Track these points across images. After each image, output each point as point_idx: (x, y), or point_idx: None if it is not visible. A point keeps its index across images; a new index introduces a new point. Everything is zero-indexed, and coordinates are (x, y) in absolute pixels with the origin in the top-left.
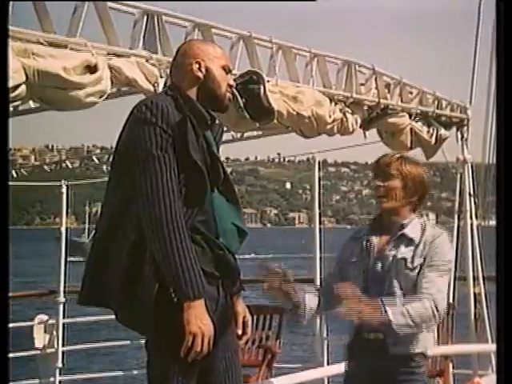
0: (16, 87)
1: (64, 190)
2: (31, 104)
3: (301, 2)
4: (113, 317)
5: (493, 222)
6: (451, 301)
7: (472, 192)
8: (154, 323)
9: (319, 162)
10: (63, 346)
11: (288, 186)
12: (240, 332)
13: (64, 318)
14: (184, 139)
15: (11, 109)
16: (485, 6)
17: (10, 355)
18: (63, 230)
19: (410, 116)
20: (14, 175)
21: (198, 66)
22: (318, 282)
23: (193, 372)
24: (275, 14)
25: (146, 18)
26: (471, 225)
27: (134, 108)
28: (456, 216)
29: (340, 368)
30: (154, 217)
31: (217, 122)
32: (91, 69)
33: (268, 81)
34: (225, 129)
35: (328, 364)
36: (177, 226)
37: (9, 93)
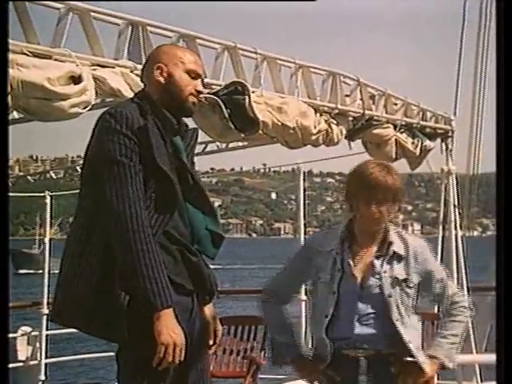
0: None
1: (48, 200)
2: (15, 114)
3: (294, 2)
4: None
5: (477, 233)
6: (436, 311)
7: (456, 203)
8: (124, 334)
9: (304, 173)
10: (46, 358)
11: (273, 196)
12: (211, 342)
13: (47, 329)
14: (149, 145)
15: None
16: (469, 19)
17: None
18: (47, 240)
19: (395, 127)
20: None
21: (160, 70)
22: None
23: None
24: (266, 17)
25: (130, 28)
26: (456, 235)
27: (99, 117)
28: (441, 226)
29: None
30: (120, 227)
31: (189, 127)
32: (75, 79)
33: (253, 91)
34: (209, 138)
35: None
36: (143, 237)
37: (7, 102)
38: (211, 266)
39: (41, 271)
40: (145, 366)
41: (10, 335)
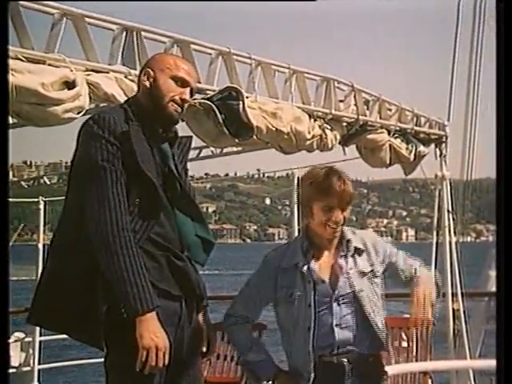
0: None
1: (41, 206)
2: (9, 120)
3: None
4: None
5: (470, 238)
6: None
7: (450, 208)
8: (106, 340)
9: (298, 178)
10: (39, 364)
11: (267, 201)
12: (204, 349)
13: (41, 335)
14: (131, 150)
15: None
16: (463, 24)
17: None
18: (40, 246)
19: (389, 133)
20: None
21: (147, 75)
22: None
23: None
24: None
25: (124, 33)
26: (450, 241)
27: (83, 123)
28: (435, 232)
29: None
30: (100, 231)
31: (182, 135)
32: (69, 85)
33: (247, 97)
34: (203, 144)
35: None
36: (124, 241)
37: (8, 107)
38: (207, 272)
39: None
40: (129, 371)
41: None
